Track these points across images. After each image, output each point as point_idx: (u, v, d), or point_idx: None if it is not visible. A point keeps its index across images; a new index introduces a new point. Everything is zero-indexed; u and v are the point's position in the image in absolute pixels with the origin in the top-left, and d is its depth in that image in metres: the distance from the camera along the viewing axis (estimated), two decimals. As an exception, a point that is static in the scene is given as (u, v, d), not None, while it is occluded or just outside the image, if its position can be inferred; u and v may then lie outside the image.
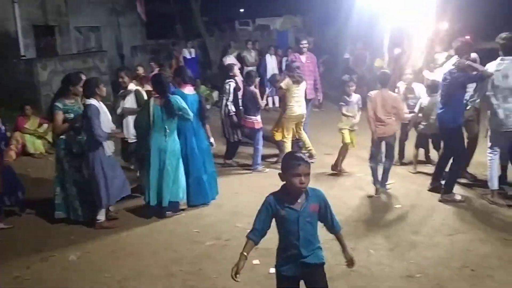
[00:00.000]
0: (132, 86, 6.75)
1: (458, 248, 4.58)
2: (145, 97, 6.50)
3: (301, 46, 8.34)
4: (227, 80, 7.48)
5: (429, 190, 6.03)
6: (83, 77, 5.86)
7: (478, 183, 6.22)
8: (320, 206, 3.02)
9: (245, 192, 6.50)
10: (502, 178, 5.84)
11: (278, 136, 7.49)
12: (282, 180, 2.98)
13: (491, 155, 5.63)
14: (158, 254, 4.87)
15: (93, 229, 5.48)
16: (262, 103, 7.45)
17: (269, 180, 6.88)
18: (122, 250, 5.05)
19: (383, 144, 6.19)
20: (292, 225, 2.96)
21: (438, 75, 6.54)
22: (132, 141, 6.54)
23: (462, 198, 5.72)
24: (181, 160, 5.78)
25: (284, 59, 12.38)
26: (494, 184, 5.59)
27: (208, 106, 12.64)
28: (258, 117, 7.32)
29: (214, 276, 4.33)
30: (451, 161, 5.79)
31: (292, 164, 2.89)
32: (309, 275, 3.08)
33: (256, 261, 4.55)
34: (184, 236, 5.23)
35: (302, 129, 7.67)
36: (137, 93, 6.64)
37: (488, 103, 5.53)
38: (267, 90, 8.71)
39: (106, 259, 4.86)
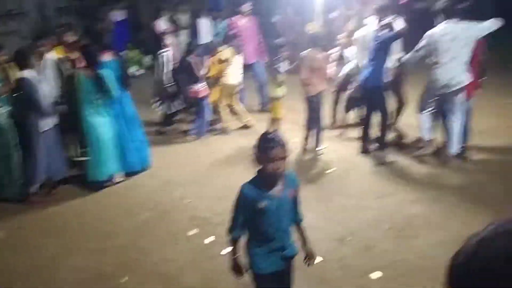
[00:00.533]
0: (51, 55, 6.09)
1: (387, 210, 4.81)
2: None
3: (246, 9, 8.31)
4: (161, 51, 7.23)
5: (361, 153, 6.25)
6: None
7: (407, 144, 6.51)
8: (295, 191, 2.83)
9: (181, 160, 6.44)
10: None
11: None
12: (258, 164, 2.69)
13: (422, 111, 5.91)
14: (92, 228, 4.77)
15: (24, 205, 5.26)
16: (202, 71, 7.29)
17: (205, 149, 6.87)
18: (55, 225, 4.90)
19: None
20: (272, 215, 2.68)
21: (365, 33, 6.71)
22: None
23: (393, 159, 6.00)
24: (115, 132, 5.66)
25: (220, 21, 12.13)
26: (426, 136, 5.94)
27: (141, 71, 12.28)
28: (202, 85, 7.16)
29: (150, 249, 4.31)
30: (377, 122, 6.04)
31: (265, 147, 2.59)
32: (285, 269, 2.90)
33: (193, 231, 4.57)
34: (120, 208, 5.15)
35: (237, 99, 7.66)
36: (59, 63, 6.08)
37: (432, 65, 5.65)
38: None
39: (38, 235, 4.70)
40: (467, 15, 5.59)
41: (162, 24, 11.85)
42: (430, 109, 5.90)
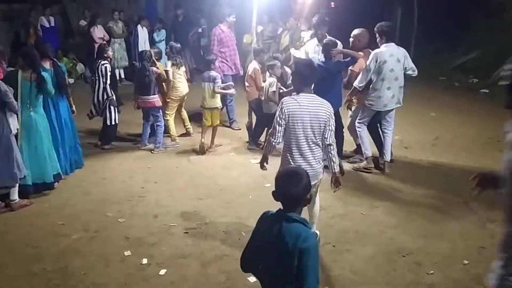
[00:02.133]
0: None
1: (320, 225, 4.87)
2: None
3: (231, 20, 8.25)
4: (102, 62, 7.00)
5: None
6: None
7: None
8: None
9: (116, 176, 6.25)
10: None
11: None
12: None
13: (360, 128, 6.19)
14: (17, 252, 4.49)
15: None
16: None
17: (138, 163, 6.71)
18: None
19: None
20: None
21: (303, 53, 6.92)
22: None
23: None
24: (50, 137, 5.71)
25: (159, 30, 11.93)
26: (368, 152, 6.22)
27: (71, 80, 11.80)
28: (156, 95, 7.12)
29: (81, 273, 4.12)
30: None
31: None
32: None
33: (127, 252, 4.44)
34: (47, 229, 4.88)
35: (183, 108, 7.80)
36: None
37: (375, 85, 5.96)
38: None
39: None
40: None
41: (98, 33, 11.53)
42: (365, 123, 6.18)
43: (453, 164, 6.42)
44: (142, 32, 11.97)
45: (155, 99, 7.06)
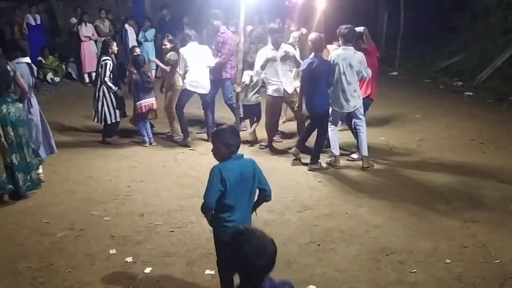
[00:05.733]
0: None
1: (306, 224, 4.94)
2: None
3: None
4: (104, 58, 7.10)
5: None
6: None
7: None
8: None
9: (102, 175, 6.23)
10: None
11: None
12: None
13: (330, 128, 6.35)
14: (1, 250, 4.46)
15: None
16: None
17: (124, 162, 6.70)
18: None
19: None
20: None
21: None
22: None
23: (327, 166, 6.40)
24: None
25: (148, 29, 11.87)
26: (337, 151, 6.39)
27: (57, 79, 11.73)
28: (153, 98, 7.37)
29: (66, 271, 4.10)
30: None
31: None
32: None
33: (113, 251, 4.43)
34: (32, 228, 4.85)
35: None
36: None
37: (334, 88, 6.15)
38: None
39: None
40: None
41: (86, 31, 11.46)
42: (334, 123, 6.37)
43: (437, 165, 6.50)
44: (131, 31, 11.93)
45: (151, 102, 7.32)
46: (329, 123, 6.34)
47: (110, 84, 7.03)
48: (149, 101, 7.28)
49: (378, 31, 13.78)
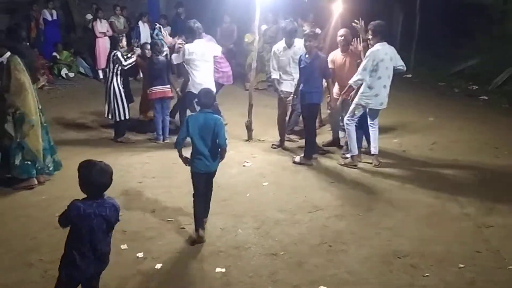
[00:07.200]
0: None
1: (317, 225, 4.92)
2: None
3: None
4: (114, 52, 7.17)
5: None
6: None
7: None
8: None
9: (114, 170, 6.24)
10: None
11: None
12: None
13: (350, 126, 6.27)
14: (14, 243, 4.50)
15: None
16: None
17: (136, 158, 6.72)
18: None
19: None
20: None
21: None
22: None
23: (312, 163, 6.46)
24: None
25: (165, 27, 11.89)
26: (355, 150, 6.33)
27: (71, 74, 11.82)
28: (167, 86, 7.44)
29: (77, 264, 4.12)
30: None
31: None
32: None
33: (124, 246, 4.45)
34: (44, 221, 4.88)
35: None
36: None
37: (371, 84, 6.07)
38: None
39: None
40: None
41: (101, 28, 11.54)
42: (355, 119, 6.30)
43: (450, 169, 6.44)
44: (144, 28, 11.98)
45: (169, 88, 7.36)
46: (348, 121, 6.27)
47: (129, 61, 7.14)
48: (160, 88, 7.30)
49: (393, 33, 13.69)
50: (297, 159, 6.47)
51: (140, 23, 11.97)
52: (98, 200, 3.13)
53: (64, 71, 11.68)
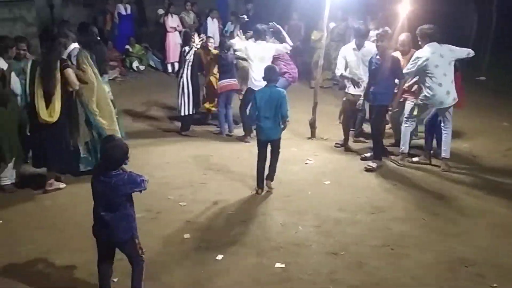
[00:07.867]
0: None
1: (379, 226, 4.81)
2: None
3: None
4: (185, 48, 7.44)
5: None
6: None
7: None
8: None
9: (177, 162, 6.43)
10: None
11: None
12: None
13: (407, 124, 6.31)
14: (82, 226, 4.67)
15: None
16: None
17: (201, 150, 6.87)
18: (45, 220, 4.88)
19: None
20: None
21: None
22: None
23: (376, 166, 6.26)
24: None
25: (230, 24, 12.04)
26: (407, 148, 6.38)
27: (142, 67, 12.25)
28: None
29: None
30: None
31: None
32: None
33: (187, 235, 4.57)
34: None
35: None
36: None
37: (426, 84, 5.99)
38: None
39: (27, 229, 4.68)
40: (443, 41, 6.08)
41: (171, 22, 11.84)
42: (414, 119, 6.33)
43: (525, 177, 6.09)
44: (212, 24, 12.18)
45: (236, 81, 7.57)
46: (408, 120, 6.30)
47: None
48: (227, 82, 7.47)
49: (466, 34, 13.11)
50: (370, 163, 6.26)
51: (209, 19, 12.18)
52: (113, 172, 3.39)
53: (135, 64, 12.12)
